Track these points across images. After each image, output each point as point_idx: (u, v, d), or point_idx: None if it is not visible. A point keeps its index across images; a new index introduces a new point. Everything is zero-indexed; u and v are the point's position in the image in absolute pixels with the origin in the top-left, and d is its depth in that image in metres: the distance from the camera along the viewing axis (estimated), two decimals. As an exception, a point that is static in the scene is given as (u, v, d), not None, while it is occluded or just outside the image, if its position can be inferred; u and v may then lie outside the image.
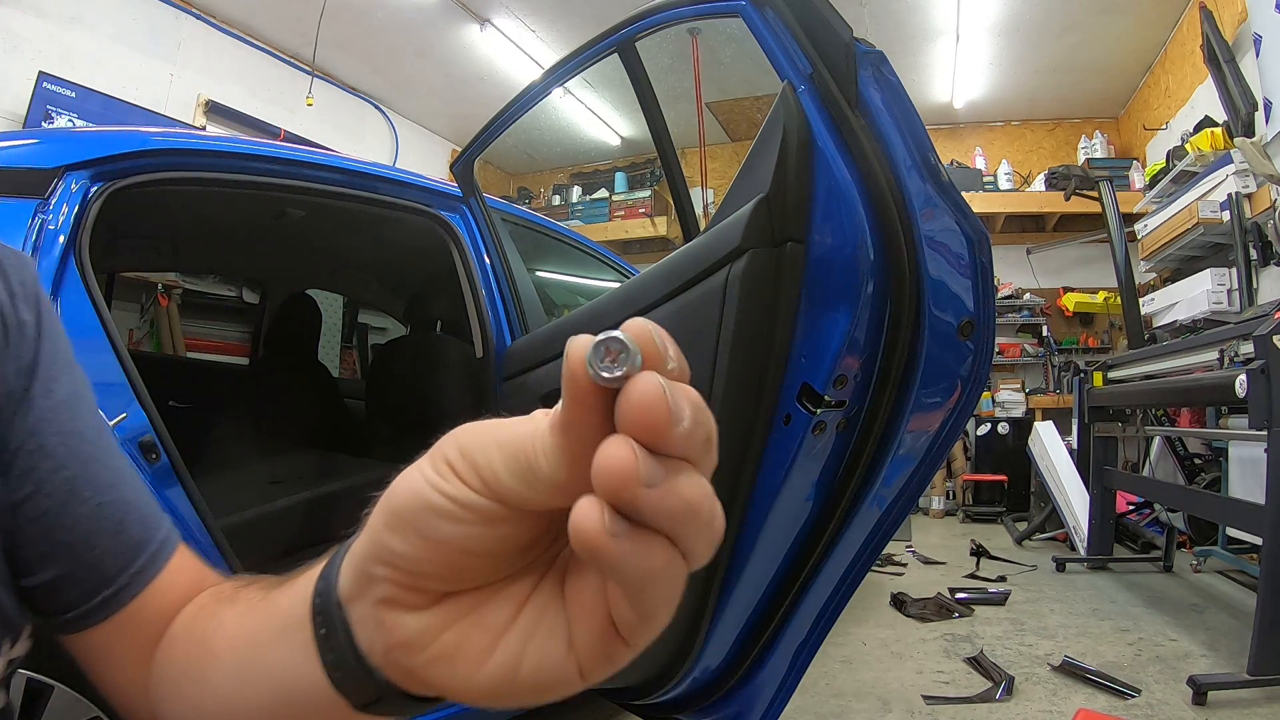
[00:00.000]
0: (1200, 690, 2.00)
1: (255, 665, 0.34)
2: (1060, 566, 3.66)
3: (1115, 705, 2.04)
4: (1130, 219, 4.77)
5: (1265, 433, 2.16)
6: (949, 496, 5.62)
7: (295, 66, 4.92)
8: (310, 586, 0.30)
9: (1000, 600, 3.12)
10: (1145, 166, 5.15)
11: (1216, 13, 4.00)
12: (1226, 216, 3.72)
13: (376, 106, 5.72)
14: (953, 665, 2.39)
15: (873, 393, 0.98)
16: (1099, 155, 5.64)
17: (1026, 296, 5.87)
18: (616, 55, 1.38)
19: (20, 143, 1.32)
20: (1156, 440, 4.16)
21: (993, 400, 5.63)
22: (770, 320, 0.96)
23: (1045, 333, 5.80)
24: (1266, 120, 3.58)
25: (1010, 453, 5.34)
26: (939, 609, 2.98)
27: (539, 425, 0.24)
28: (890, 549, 3.95)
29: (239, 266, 3.32)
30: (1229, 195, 3.70)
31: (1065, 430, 4.51)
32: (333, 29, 4.55)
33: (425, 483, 0.25)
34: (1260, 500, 2.31)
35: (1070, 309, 5.83)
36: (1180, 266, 4.41)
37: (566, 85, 2.78)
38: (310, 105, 4.79)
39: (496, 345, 1.73)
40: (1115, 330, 5.70)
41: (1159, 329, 4.37)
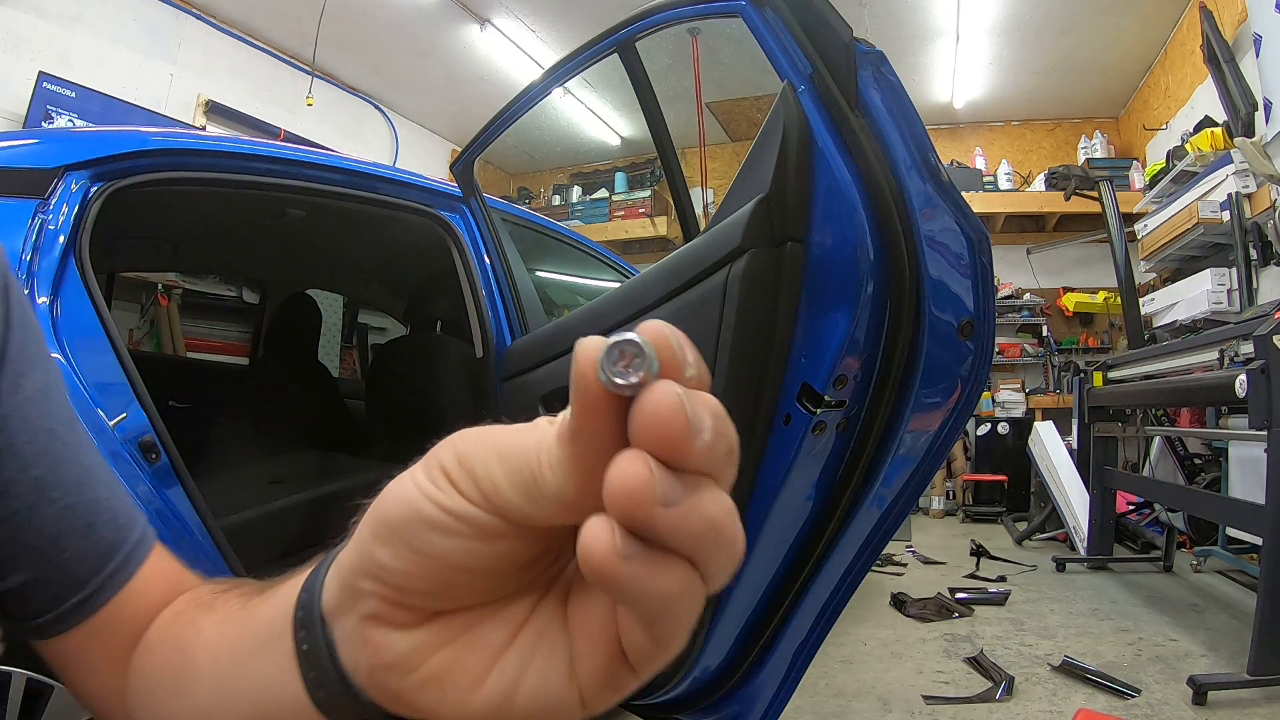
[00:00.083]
0: (1200, 690, 2.00)
1: (235, 680, 0.32)
2: (1060, 566, 3.66)
3: (1115, 705, 2.04)
4: (1130, 219, 4.77)
5: (1265, 433, 2.16)
6: (949, 496, 5.62)
7: (295, 66, 4.92)
8: (293, 597, 0.29)
9: (1000, 600, 3.12)
10: (1145, 166, 5.15)
11: (1216, 13, 4.00)
12: (1226, 216, 3.72)
13: (376, 106, 5.72)
14: (953, 665, 2.39)
15: (873, 393, 0.98)
16: (1099, 155, 5.64)
17: (1026, 296, 5.87)
18: (616, 55, 1.38)
19: (20, 143, 1.33)
20: (1156, 440, 4.16)
21: (993, 400, 5.63)
22: (770, 320, 0.96)
23: (1045, 333, 5.80)
24: (1266, 120, 3.58)
25: (1010, 453, 5.34)
26: (939, 609, 2.98)
27: (544, 435, 0.22)
28: (890, 549, 3.95)
29: (239, 266, 3.32)
30: (1229, 195, 3.70)
31: (1065, 430, 4.51)
32: (333, 29, 4.55)
33: (418, 492, 0.23)
34: (1260, 500, 2.31)
35: (1070, 309, 5.84)
36: (1180, 266, 4.41)
37: (566, 85, 2.78)
38: (310, 105, 4.79)
39: (496, 345, 1.73)
40: (1115, 330, 5.70)
41: (1159, 329, 4.37)
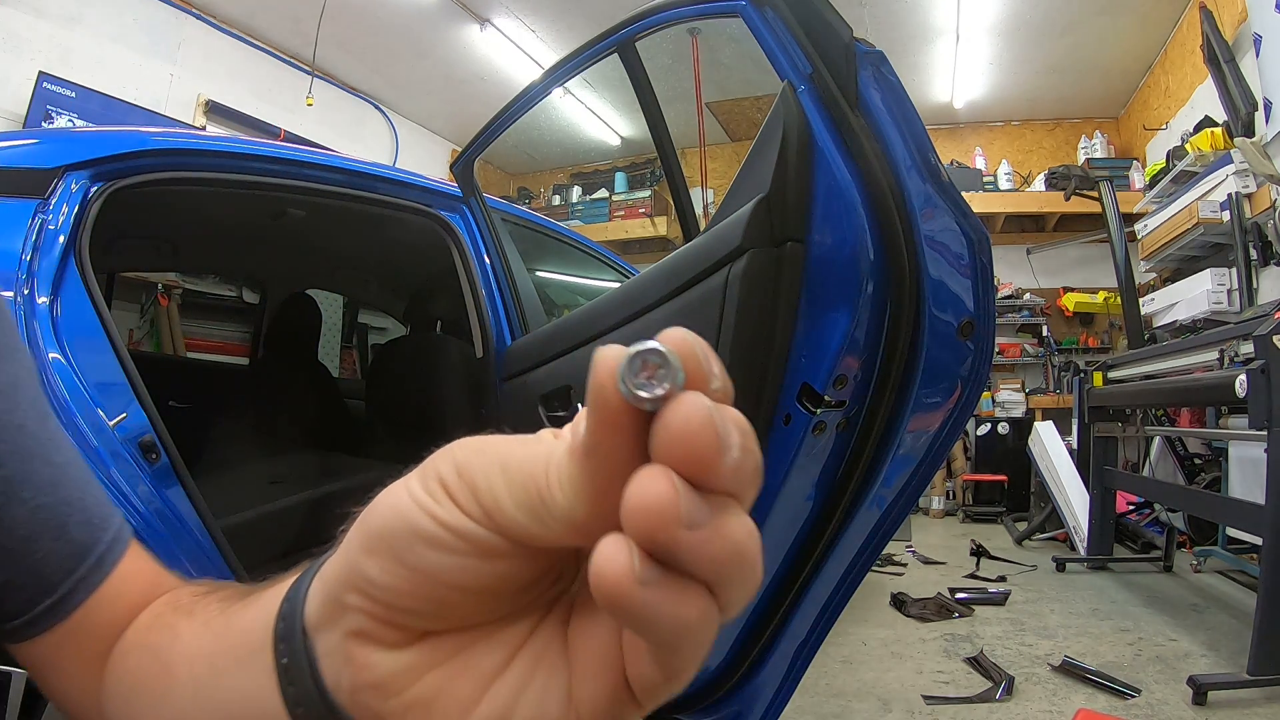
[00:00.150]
0: (1200, 690, 2.00)
1: (212, 691, 0.30)
2: (1060, 566, 3.66)
3: (1115, 705, 2.04)
4: (1130, 219, 4.77)
5: (1265, 433, 2.16)
6: (949, 496, 5.62)
7: (295, 66, 4.92)
8: (274, 607, 0.27)
9: (1000, 600, 3.12)
10: (1145, 166, 5.16)
11: (1216, 13, 4.00)
12: (1226, 216, 3.72)
13: (376, 106, 5.72)
14: (953, 665, 2.39)
15: (873, 393, 0.98)
16: (1099, 155, 5.64)
17: (1026, 296, 5.87)
18: (616, 55, 1.38)
19: (20, 143, 1.33)
20: (1156, 440, 4.16)
21: (993, 400, 5.63)
22: (770, 320, 0.96)
23: (1045, 333, 5.81)
24: (1266, 120, 3.58)
25: (1010, 453, 5.34)
26: (939, 609, 2.98)
27: (553, 449, 0.21)
28: (890, 549, 3.95)
29: (239, 266, 3.32)
30: (1229, 195, 3.70)
31: (1065, 430, 4.51)
32: (333, 29, 4.55)
33: (413, 503, 0.22)
34: (1260, 500, 2.31)
35: (1070, 309, 5.84)
36: (1180, 266, 4.41)
37: (566, 85, 2.77)
38: (310, 105, 4.79)
39: (496, 345, 1.73)
40: (1115, 330, 5.70)
41: (1159, 329, 4.37)
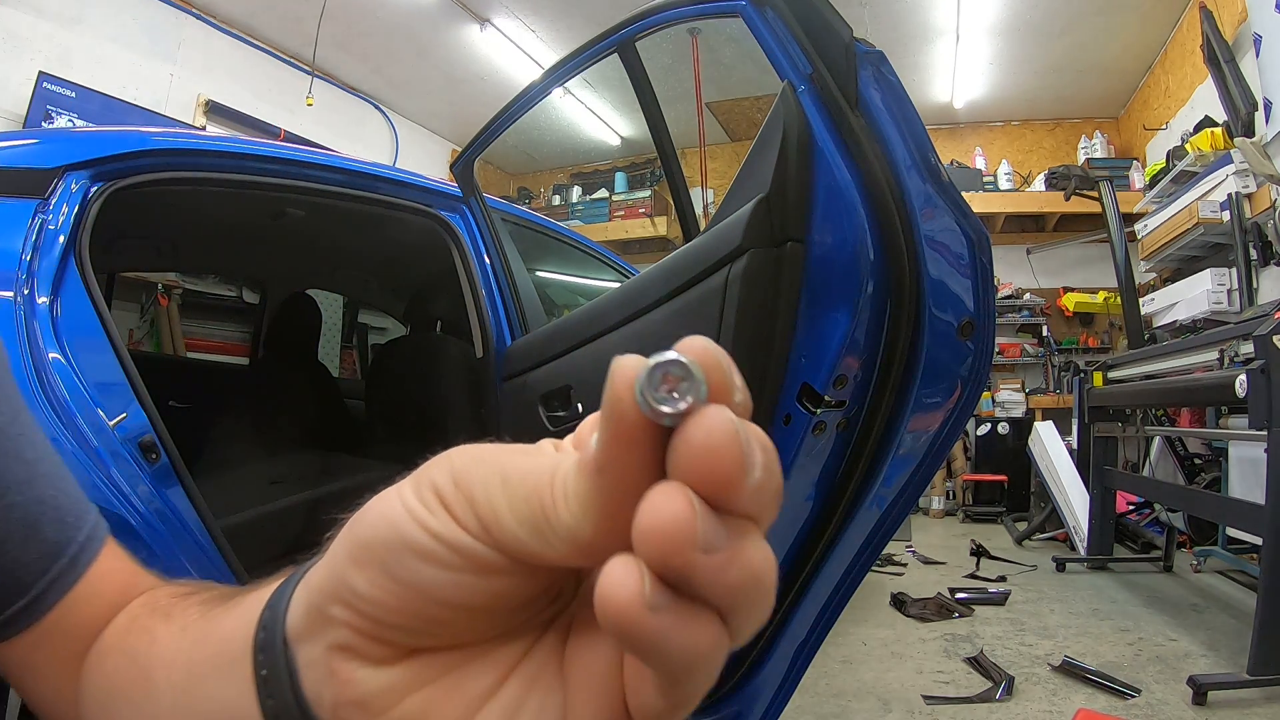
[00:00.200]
0: (1200, 690, 2.00)
1: (191, 699, 0.29)
2: (1060, 566, 3.66)
3: (1115, 705, 2.04)
4: (1130, 219, 4.77)
5: (1265, 433, 2.16)
6: (949, 496, 5.62)
7: (295, 66, 4.93)
8: (255, 614, 0.26)
9: (1000, 600, 3.12)
10: (1145, 166, 5.16)
11: (1216, 13, 4.00)
12: (1226, 216, 3.72)
13: (376, 106, 5.72)
14: (953, 665, 2.39)
15: (873, 393, 0.98)
16: (1099, 155, 5.64)
17: (1026, 296, 5.87)
18: (616, 55, 1.38)
19: (20, 143, 1.32)
20: (1156, 440, 4.16)
21: (993, 400, 5.63)
22: (770, 320, 0.96)
23: (1045, 333, 5.81)
24: (1266, 120, 3.58)
25: (1010, 453, 5.34)
26: (939, 609, 2.98)
27: (560, 463, 0.20)
28: (890, 549, 3.95)
29: (239, 266, 3.31)
30: (1229, 195, 3.71)
31: (1065, 430, 4.51)
32: (333, 29, 4.56)
33: (405, 513, 0.20)
34: (1260, 500, 2.31)
35: (1070, 309, 5.84)
36: (1180, 266, 4.41)
37: (566, 85, 2.77)
38: (310, 105, 4.80)
39: (496, 345, 1.73)
40: (1115, 330, 5.70)
41: (1159, 329, 4.37)
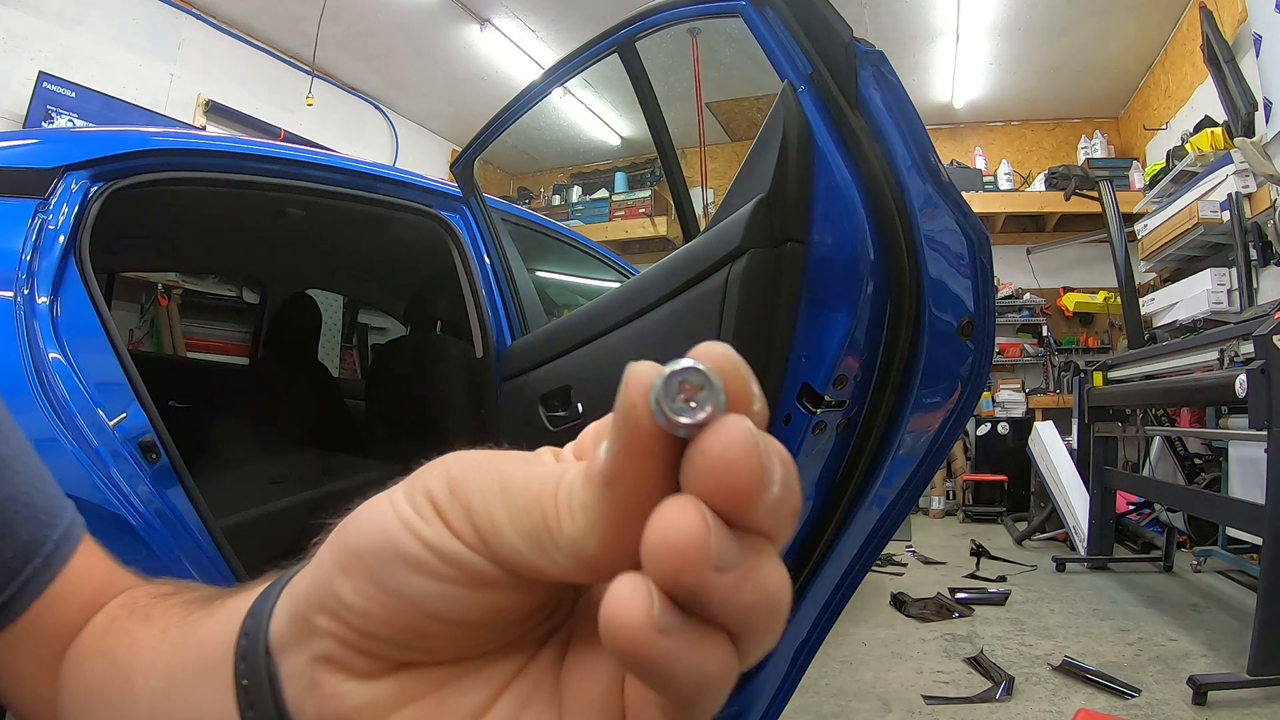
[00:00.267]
0: (1200, 690, 2.01)
1: (170, 706, 0.28)
2: (1060, 566, 3.66)
3: (1115, 705, 2.04)
4: (1130, 219, 4.77)
5: (1265, 433, 2.16)
6: (949, 496, 5.62)
7: (295, 66, 4.93)
8: (238, 620, 0.25)
9: (1000, 600, 3.12)
10: (1145, 166, 5.16)
11: (1216, 13, 4.00)
12: (1226, 216, 3.72)
13: (376, 106, 5.72)
14: (953, 665, 2.39)
15: (873, 393, 0.98)
16: (1099, 155, 5.64)
17: (1026, 296, 5.87)
18: (616, 55, 1.38)
19: (20, 143, 1.32)
20: (1156, 440, 4.16)
21: (993, 400, 5.63)
22: (770, 320, 0.96)
23: (1045, 333, 5.81)
24: (1266, 120, 3.58)
25: (1010, 453, 5.34)
26: (939, 609, 2.98)
27: (565, 474, 0.19)
28: (890, 549, 3.96)
29: (239, 266, 3.32)
30: (1229, 195, 3.71)
31: (1065, 430, 4.51)
32: (333, 29, 4.55)
33: (396, 519, 0.19)
34: (1260, 500, 2.31)
35: (1070, 309, 5.84)
36: (1180, 266, 4.41)
37: (566, 85, 2.78)
38: (310, 105, 4.80)
39: (496, 345, 1.73)
40: (1115, 330, 5.70)
41: (1159, 329, 4.37)
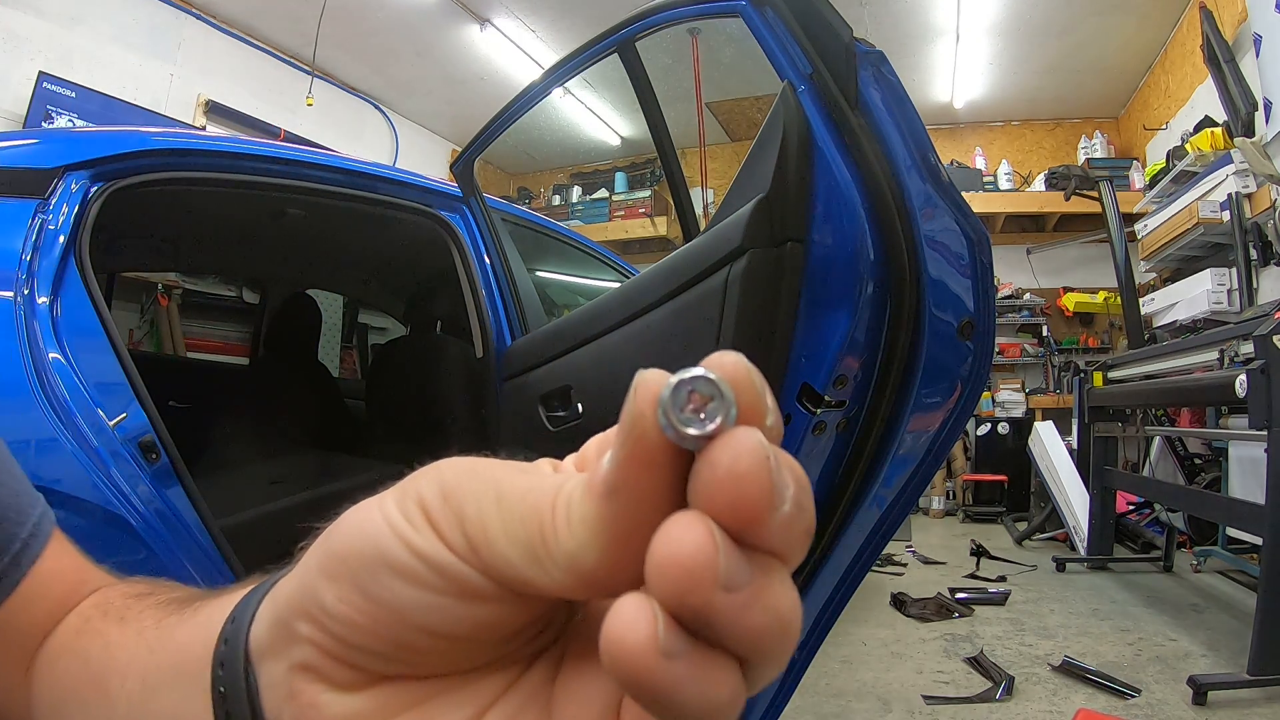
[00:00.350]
0: (1200, 690, 2.00)
1: (145, 712, 0.27)
2: (1060, 566, 3.66)
3: (1115, 705, 2.04)
4: (1130, 219, 4.77)
5: (1265, 433, 2.16)
6: (949, 496, 5.62)
7: (295, 66, 4.93)
8: (217, 625, 0.24)
9: (1000, 600, 3.12)
10: (1145, 166, 5.16)
11: (1216, 13, 4.00)
12: (1226, 216, 3.72)
13: (376, 106, 5.72)
14: (953, 665, 2.39)
15: (873, 393, 0.98)
16: (1099, 155, 5.64)
17: (1026, 296, 5.87)
18: (616, 55, 1.38)
19: (20, 143, 1.32)
20: (1156, 440, 4.16)
21: (993, 400, 5.63)
22: (770, 320, 0.96)
23: (1045, 333, 5.81)
24: (1266, 120, 3.58)
25: (1010, 453, 5.34)
26: (939, 609, 2.98)
27: (565, 484, 0.18)
28: (890, 549, 3.96)
29: (239, 266, 3.31)
30: (1229, 195, 3.71)
31: (1065, 430, 4.51)
32: (333, 29, 4.55)
33: (385, 526, 0.19)
34: (1260, 500, 2.31)
35: (1070, 309, 5.84)
36: (1180, 266, 4.41)
37: (566, 85, 2.78)
38: (310, 105, 4.80)
39: (496, 345, 1.73)
40: (1115, 330, 5.70)
41: (1159, 329, 4.37)
